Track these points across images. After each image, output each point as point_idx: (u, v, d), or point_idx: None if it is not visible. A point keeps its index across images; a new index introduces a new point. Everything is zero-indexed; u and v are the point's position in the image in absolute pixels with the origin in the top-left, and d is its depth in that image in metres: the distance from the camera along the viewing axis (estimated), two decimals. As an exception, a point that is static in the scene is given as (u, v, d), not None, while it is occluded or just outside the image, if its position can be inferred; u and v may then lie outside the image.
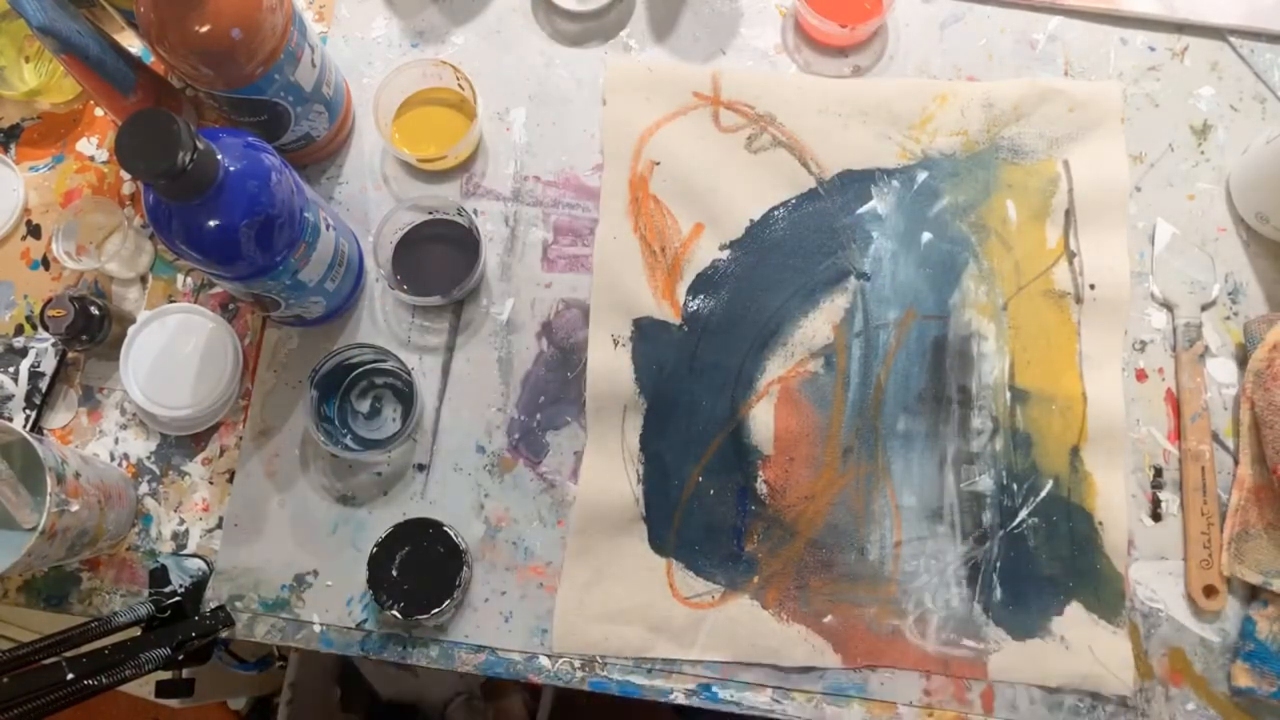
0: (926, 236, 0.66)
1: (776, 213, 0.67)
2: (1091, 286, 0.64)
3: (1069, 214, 0.66)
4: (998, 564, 0.61)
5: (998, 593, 0.60)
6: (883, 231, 0.66)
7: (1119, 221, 0.66)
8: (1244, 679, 0.58)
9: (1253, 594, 0.60)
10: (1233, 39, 0.69)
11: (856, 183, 0.67)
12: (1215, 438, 0.63)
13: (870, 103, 0.68)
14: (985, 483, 0.62)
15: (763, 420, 0.63)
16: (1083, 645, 0.59)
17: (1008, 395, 0.63)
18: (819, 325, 0.64)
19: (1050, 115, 0.67)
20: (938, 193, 0.67)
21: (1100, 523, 0.61)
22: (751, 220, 0.66)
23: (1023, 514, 0.61)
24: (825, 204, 0.67)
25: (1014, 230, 0.66)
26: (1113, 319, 0.64)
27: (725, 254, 0.66)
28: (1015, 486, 0.62)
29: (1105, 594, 0.60)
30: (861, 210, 0.66)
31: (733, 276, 0.66)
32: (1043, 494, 0.61)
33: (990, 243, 0.66)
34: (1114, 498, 0.61)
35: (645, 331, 0.64)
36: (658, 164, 0.67)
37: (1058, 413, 0.63)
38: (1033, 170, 0.67)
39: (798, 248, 0.66)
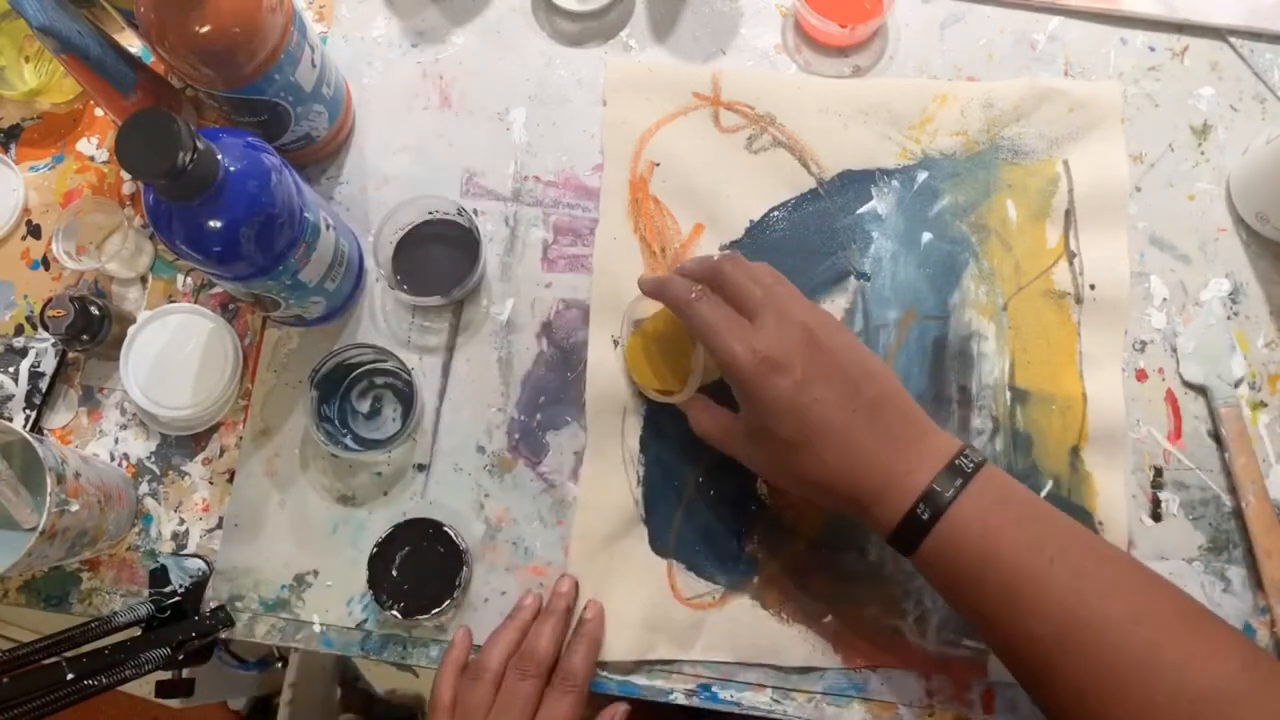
0: (926, 237, 0.66)
1: (776, 213, 0.67)
2: (1092, 287, 0.64)
3: (1069, 214, 0.66)
4: (998, 564, 0.61)
5: (998, 593, 0.60)
6: (883, 232, 0.66)
7: (1119, 221, 0.66)
8: None
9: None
10: (1233, 39, 0.69)
11: (856, 183, 0.67)
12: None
13: (870, 103, 0.68)
14: None
15: None
16: (1083, 645, 0.59)
17: (1008, 395, 0.63)
18: None
19: (1050, 115, 0.67)
20: (938, 193, 0.67)
21: (1100, 523, 0.61)
22: (751, 221, 0.66)
23: None
24: (825, 204, 0.67)
25: (1014, 230, 0.66)
26: (1113, 319, 0.64)
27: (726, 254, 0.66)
28: None
29: (1105, 594, 0.60)
30: (861, 210, 0.66)
31: None
32: (1043, 494, 0.61)
33: (990, 243, 0.65)
34: (1114, 498, 0.61)
35: (645, 332, 0.64)
36: (658, 165, 0.67)
37: (1058, 413, 0.62)
38: (1033, 170, 0.67)
39: (798, 248, 0.66)
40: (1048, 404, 0.63)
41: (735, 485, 0.62)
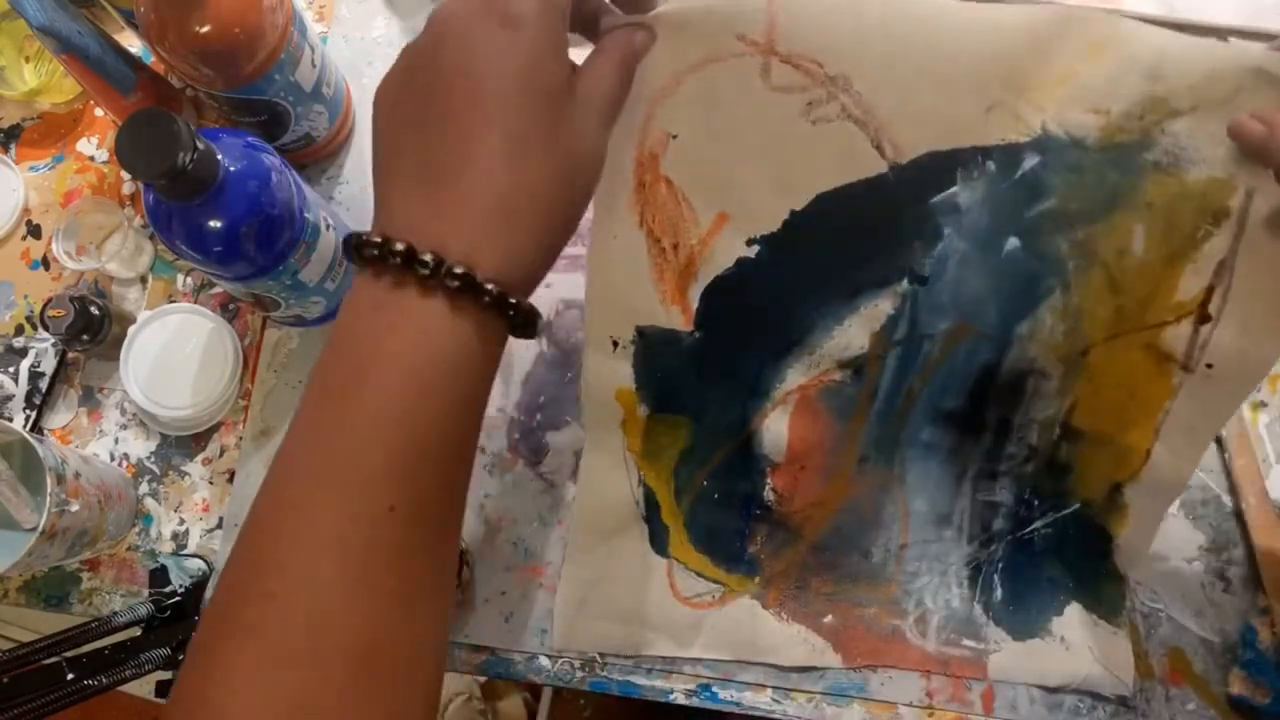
0: (1011, 243, 0.50)
1: (828, 201, 0.49)
2: (1209, 366, 0.49)
3: (1224, 264, 0.47)
4: (999, 565, 0.60)
5: (998, 593, 0.60)
6: (957, 227, 0.50)
7: None
8: (1239, 687, 0.58)
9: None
10: (1233, 39, 0.69)
11: (941, 164, 0.48)
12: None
13: (992, 51, 0.44)
14: (1004, 495, 0.59)
15: (776, 430, 0.58)
16: (1083, 646, 0.59)
17: (1056, 431, 0.55)
18: (854, 334, 0.54)
19: (1249, 110, 0.43)
20: (1044, 189, 0.47)
21: (1117, 546, 0.58)
22: (793, 210, 0.50)
23: (1037, 524, 0.59)
24: (894, 190, 0.48)
25: (1133, 266, 0.48)
26: (1226, 401, 0.50)
27: (753, 250, 0.52)
28: (1036, 502, 0.59)
29: (1106, 595, 0.60)
30: (937, 199, 0.49)
31: (760, 278, 0.52)
32: (1065, 513, 0.58)
33: (1092, 275, 0.49)
34: (1143, 530, 0.56)
35: (649, 340, 0.55)
36: (675, 137, 0.48)
37: (1110, 455, 0.54)
38: (1193, 190, 0.46)
39: (846, 244, 0.51)
40: (1102, 445, 0.54)
41: (741, 489, 0.61)
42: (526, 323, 0.36)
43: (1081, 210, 0.48)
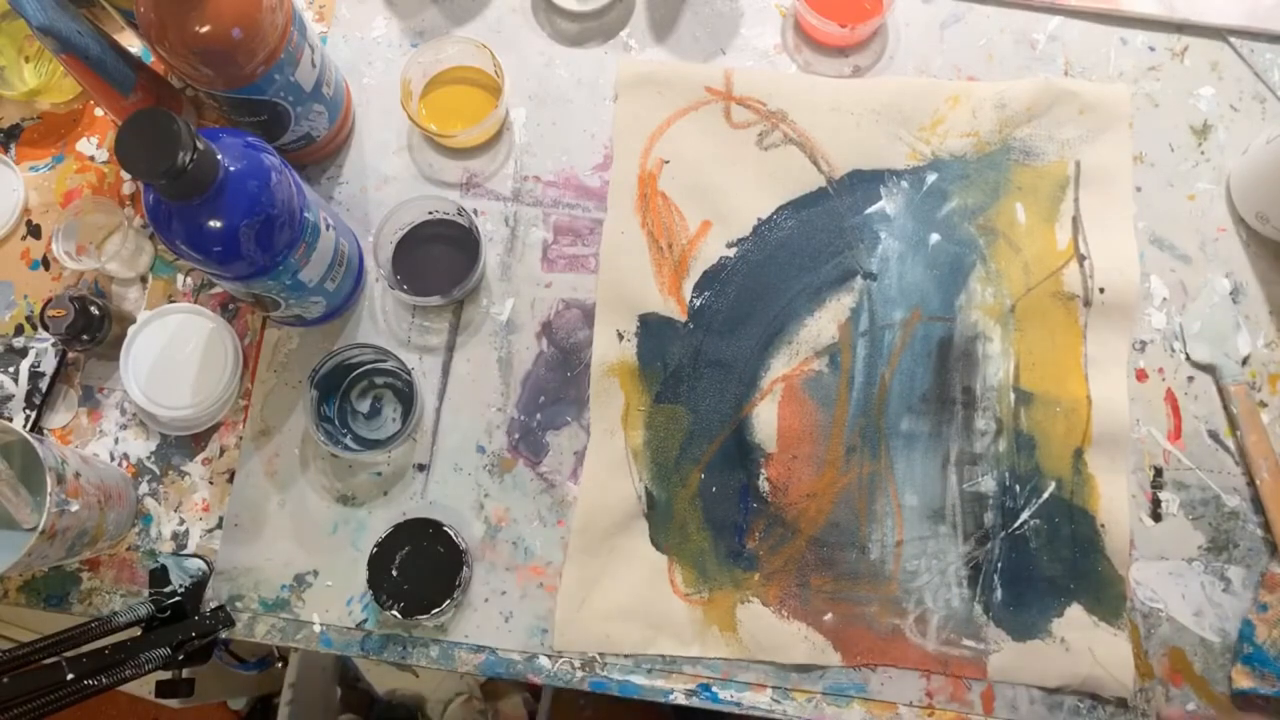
0: (934, 238, 0.66)
1: (785, 211, 0.67)
2: (1101, 290, 0.64)
3: (1076, 217, 0.66)
4: (999, 565, 0.61)
5: (999, 593, 0.60)
6: (891, 232, 0.66)
7: (1128, 225, 0.65)
8: (1245, 680, 0.58)
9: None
10: (1233, 39, 0.69)
11: (866, 183, 0.67)
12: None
13: (882, 102, 0.68)
14: (988, 484, 0.62)
15: (766, 418, 0.63)
16: (1083, 647, 0.59)
17: (1012, 397, 0.63)
18: (824, 324, 0.64)
19: (1061, 117, 0.67)
20: (946, 195, 0.66)
21: (1102, 525, 0.61)
22: (759, 218, 0.66)
23: (1024, 515, 0.61)
24: (834, 203, 0.67)
25: (1023, 232, 0.65)
26: (1120, 323, 0.64)
27: (733, 251, 0.66)
28: (1018, 488, 0.62)
29: (1106, 597, 0.60)
30: (870, 210, 0.66)
31: (740, 274, 0.65)
32: (1045, 496, 0.61)
33: (998, 245, 0.65)
34: (1116, 500, 0.61)
35: (650, 328, 0.64)
36: (667, 163, 0.67)
37: (1061, 415, 0.62)
38: (1043, 172, 0.67)
39: (805, 246, 0.66)
40: (1051, 406, 0.63)
41: (738, 481, 0.62)
42: None
43: (977, 202, 0.67)
